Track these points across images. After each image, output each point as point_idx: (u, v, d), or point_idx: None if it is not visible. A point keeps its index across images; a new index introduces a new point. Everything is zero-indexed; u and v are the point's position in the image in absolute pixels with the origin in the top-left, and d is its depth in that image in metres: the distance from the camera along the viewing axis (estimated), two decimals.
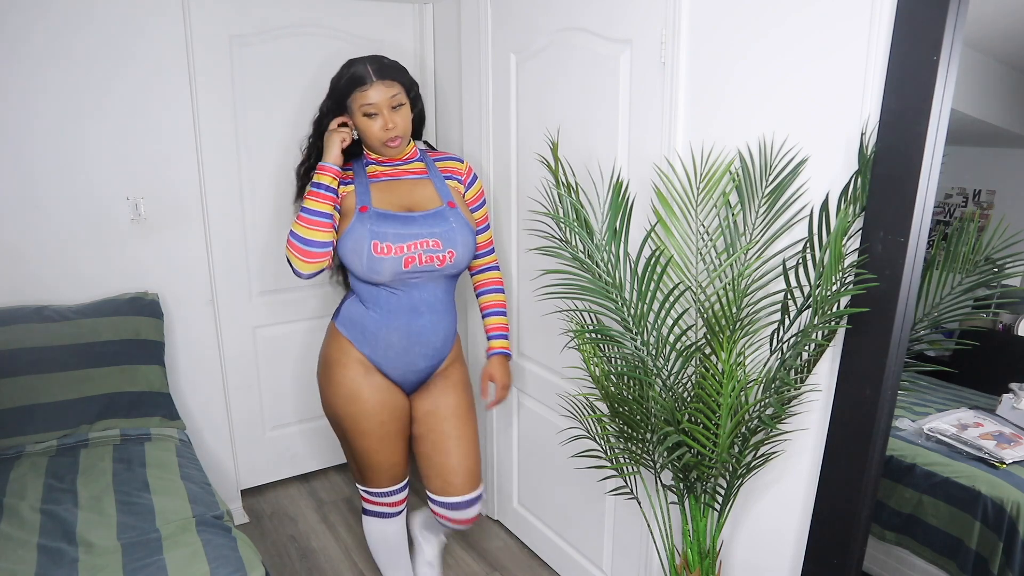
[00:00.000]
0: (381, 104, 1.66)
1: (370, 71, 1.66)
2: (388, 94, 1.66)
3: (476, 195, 1.88)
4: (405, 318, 1.74)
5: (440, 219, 1.72)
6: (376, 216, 1.68)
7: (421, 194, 1.77)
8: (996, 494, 1.36)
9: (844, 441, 1.30)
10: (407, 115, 1.72)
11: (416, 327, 1.75)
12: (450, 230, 1.71)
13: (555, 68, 1.91)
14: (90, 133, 2.21)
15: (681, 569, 1.53)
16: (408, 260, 1.66)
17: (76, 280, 2.26)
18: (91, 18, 2.15)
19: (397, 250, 1.66)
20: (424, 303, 1.74)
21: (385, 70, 1.67)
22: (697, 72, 1.53)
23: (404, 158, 1.80)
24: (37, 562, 1.46)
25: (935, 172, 1.14)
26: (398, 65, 1.72)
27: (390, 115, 1.67)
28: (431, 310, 1.76)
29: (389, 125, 1.67)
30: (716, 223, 1.41)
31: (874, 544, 1.46)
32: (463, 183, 1.85)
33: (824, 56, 1.28)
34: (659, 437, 1.37)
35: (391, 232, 1.66)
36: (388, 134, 1.68)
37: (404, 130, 1.71)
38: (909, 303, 1.19)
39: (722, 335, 1.23)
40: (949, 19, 1.07)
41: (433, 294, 1.75)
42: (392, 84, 1.67)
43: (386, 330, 1.75)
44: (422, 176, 1.80)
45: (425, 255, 1.68)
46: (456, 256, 1.72)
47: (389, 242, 1.65)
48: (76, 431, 2.02)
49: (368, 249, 1.64)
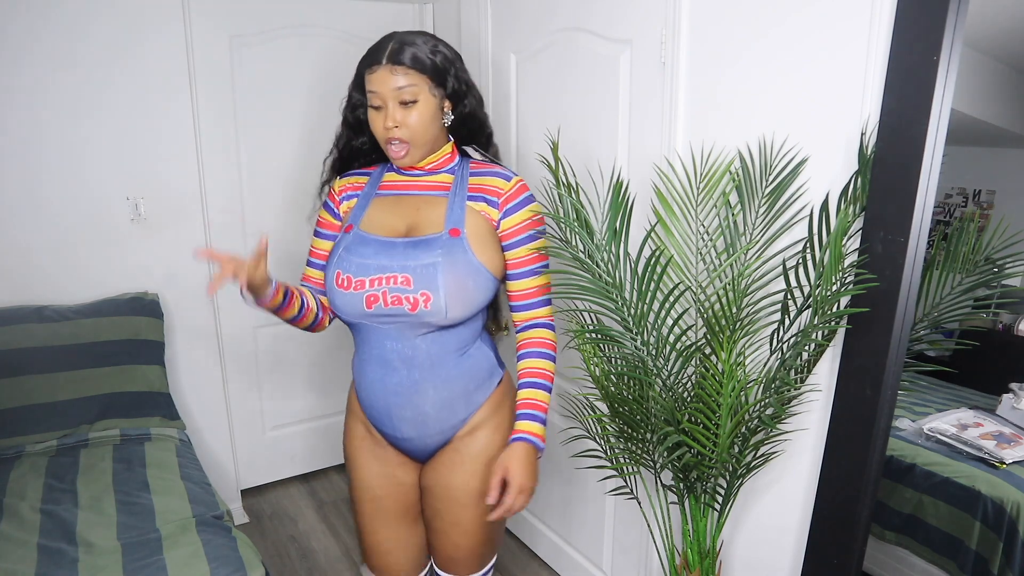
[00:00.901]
0: (385, 95, 1.30)
1: (385, 50, 1.31)
2: (394, 84, 1.29)
3: (517, 227, 1.38)
4: (379, 372, 1.39)
5: (425, 249, 1.31)
6: (355, 238, 1.37)
7: (427, 215, 1.37)
8: (996, 494, 1.36)
9: (844, 441, 1.30)
10: (426, 115, 1.32)
11: (390, 385, 1.38)
12: (433, 266, 1.29)
13: (555, 68, 1.91)
14: (90, 133, 2.21)
15: (681, 569, 1.53)
16: (370, 299, 1.32)
17: (76, 280, 2.26)
18: (91, 18, 2.15)
19: (357, 284, 1.32)
20: (400, 357, 1.36)
21: (403, 52, 1.29)
22: (697, 72, 1.53)
23: (430, 167, 1.41)
24: (37, 562, 1.46)
25: (935, 172, 1.14)
26: (432, 47, 1.33)
27: (395, 111, 1.31)
28: (411, 366, 1.36)
29: (389, 123, 1.31)
30: (716, 223, 1.41)
31: (874, 544, 1.46)
32: (499, 206, 1.37)
33: (824, 56, 1.28)
34: (659, 437, 1.37)
35: (355, 261, 1.33)
36: (387, 133, 1.33)
37: (414, 134, 1.32)
38: (909, 303, 1.19)
39: (722, 335, 1.23)
40: (949, 19, 1.07)
41: (412, 346, 1.35)
42: (408, 72, 1.29)
43: (365, 383, 1.42)
44: (440, 193, 1.40)
45: (391, 294, 1.30)
46: (435, 303, 1.29)
47: (350, 273, 1.32)
48: (76, 431, 2.02)
49: (332, 277, 1.35)
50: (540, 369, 1.41)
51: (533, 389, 1.40)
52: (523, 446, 1.35)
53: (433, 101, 1.33)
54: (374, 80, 1.31)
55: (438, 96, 1.34)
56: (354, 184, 1.47)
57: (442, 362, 1.37)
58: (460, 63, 1.37)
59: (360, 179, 1.48)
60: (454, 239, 1.33)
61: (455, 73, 1.35)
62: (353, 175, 1.49)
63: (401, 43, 1.30)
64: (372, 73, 1.31)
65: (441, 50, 1.34)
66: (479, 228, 1.36)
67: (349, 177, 1.49)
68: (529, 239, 1.39)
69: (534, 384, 1.40)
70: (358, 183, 1.47)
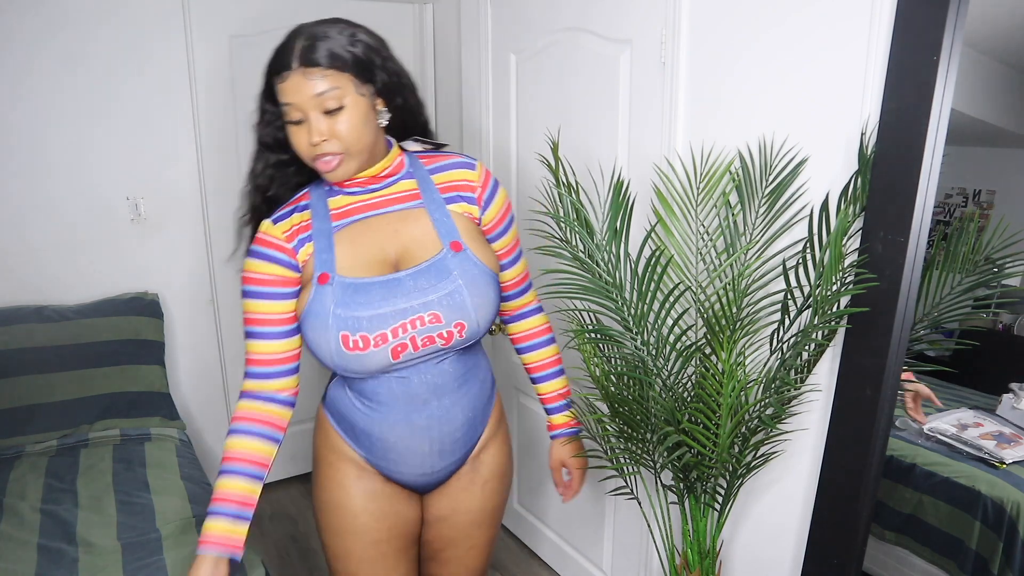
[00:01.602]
0: (304, 105, 1.06)
1: (293, 50, 1.06)
2: (312, 90, 1.05)
3: (498, 216, 1.26)
4: (403, 411, 1.21)
5: (439, 274, 1.16)
6: (343, 289, 1.13)
7: (411, 234, 1.18)
8: (996, 494, 1.36)
9: (844, 441, 1.30)
10: (357, 120, 1.09)
11: (421, 422, 1.23)
12: (456, 291, 1.15)
13: (555, 68, 1.91)
14: (90, 133, 2.21)
15: (681, 569, 1.53)
16: (397, 350, 1.14)
17: (76, 280, 2.27)
18: (92, 20, 2.15)
19: (378, 340, 1.12)
20: (429, 388, 1.21)
21: (315, 50, 1.05)
22: (697, 72, 1.53)
23: (382, 176, 1.19)
24: (37, 562, 1.46)
25: (935, 172, 1.14)
26: (351, 36, 1.09)
27: (318, 122, 1.07)
28: (441, 394, 1.23)
29: (315, 138, 1.07)
30: (716, 223, 1.41)
31: (874, 544, 1.46)
32: (476, 202, 1.23)
33: (824, 56, 1.28)
34: (659, 437, 1.37)
35: (365, 316, 1.12)
36: (314, 150, 1.09)
37: (348, 145, 1.09)
38: (909, 303, 1.19)
39: (722, 335, 1.23)
40: (949, 19, 1.07)
41: (443, 373, 1.22)
42: (326, 73, 1.05)
43: (380, 428, 1.23)
44: (413, 204, 1.20)
45: (422, 337, 1.15)
46: (470, 327, 1.18)
47: (364, 331, 1.12)
48: (76, 431, 2.02)
49: (336, 343, 1.12)
50: (552, 356, 1.43)
51: (553, 380, 1.43)
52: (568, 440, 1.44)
53: (362, 102, 1.10)
54: (287, 90, 1.07)
55: (367, 95, 1.11)
56: (297, 225, 1.18)
57: (467, 379, 1.27)
58: (386, 49, 1.15)
59: (301, 216, 1.19)
60: (460, 254, 1.18)
61: (382, 63, 1.12)
62: (287, 215, 1.19)
63: (312, 38, 1.06)
64: (283, 81, 1.07)
65: (361, 38, 1.10)
66: (470, 231, 1.22)
67: (286, 219, 1.19)
68: (509, 225, 1.30)
69: (553, 374, 1.43)
70: (301, 222, 1.18)
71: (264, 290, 1.17)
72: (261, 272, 1.17)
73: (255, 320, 1.18)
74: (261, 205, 1.22)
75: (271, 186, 1.22)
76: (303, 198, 1.21)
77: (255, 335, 1.19)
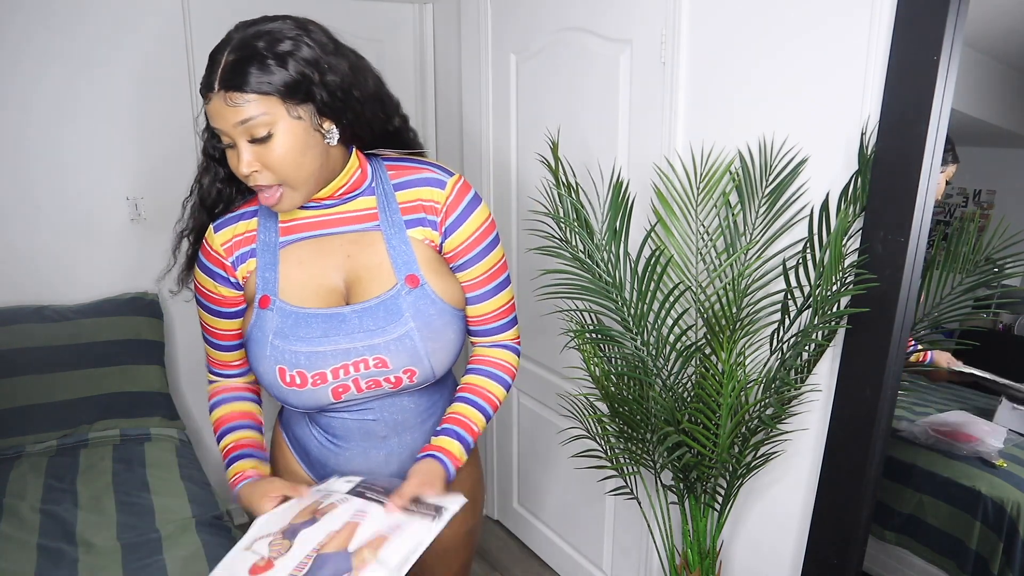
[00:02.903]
0: (229, 132, 0.93)
1: (217, 68, 0.92)
2: (235, 118, 0.91)
3: (465, 243, 1.08)
4: (359, 447, 1.13)
5: (388, 315, 1.03)
6: (283, 317, 1.02)
7: (364, 261, 1.05)
8: (996, 494, 1.36)
9: (844, 441, 1.30)
10: (291, 147, 0.94)
11: (377, 457, 1.14)
12: (407, 336, 1.03)
13: (555, 68, 1.91)
14: (90, 133, 2.21)
15: (681, 569, 1.53)
16: (338, 390, 1.05)
17: (76, 280, 2.26)
18: (91, 19, 2.15)
19: (316, 379, 1.03)
20: (388, 425, 1.12)
21: (239, 72, 0.90)
22: (697, 72, 1.53)
23: (341, 193, 1.05)
24: (37, 562, 1.46)
25: (935, 172, 1.14)
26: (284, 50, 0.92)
27: (245, 151, 0.93)
28: (401, 430, 1.13)
29: (243, 168, 0.94)
30: (716, 223, 1.41)
31: (874, 544, 1.46)
32: (438, 228, 1.06)
33: (824, 56, 1.28)
34: (659, 437, 1.37)
35: (303, 352, 1.01)
36: (249, 181, 0.97)
37: (284, 176, 0.95)
38: (909, 303, 1.19)
39: (722, 335, 1.23)
40: (949, 19, 1.07)
41: (404, 410, 1.12)
42: (251, 100, 0.90)
43: (335, 459, 1.14)
44: (369, 226, 1.06)
45: (365, 380, 1.05)
46: (422, 373, 1.07)
47: (301, 368, 1.02)
48: (76, 431, 2.02)
49: (273, 374, 1.03)
50: (483, 388, 1.16)
51: (471, 407, 1.14)
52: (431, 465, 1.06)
53: (298, 126, 0.94)
54: (212, 113, 0.93)
55: (305, 116, 0.94)
56: (241, 235, 1.06)
57: (432, 412, 1.16)
58: (331, 56, 0.96)
59: (246, 225, 1.06)
60: (416, 290, 1.04)
61: (322, 78, 0.94)
62: (232, 222, 1.07)
63: (238, 55, 0.91)
64: (208, 104, 0.93)
65: (296, 51, 0.92)
66: (431, 261, 1.07)
67: (229, 227, 1.06)
68: (481, 255, 1.09)
69: (474, 403, 1.14)
70: (246, 232, 1.06)
71: (206, 303, 1.10)
72: (201, 284, 1.10)
73: (206, 328, 1.14)
74: (207, 223, 1.09)
75: (219, 201, 1.10)
76: (252, 203, 1.08)
77: (209, 342, 1.15)
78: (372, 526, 0.95)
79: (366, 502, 1.00)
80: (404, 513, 0.97)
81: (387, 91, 1.07)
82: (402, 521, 0.96)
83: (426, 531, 0.93)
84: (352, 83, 0.98)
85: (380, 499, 1.00)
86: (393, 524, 0.95)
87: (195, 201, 1.10)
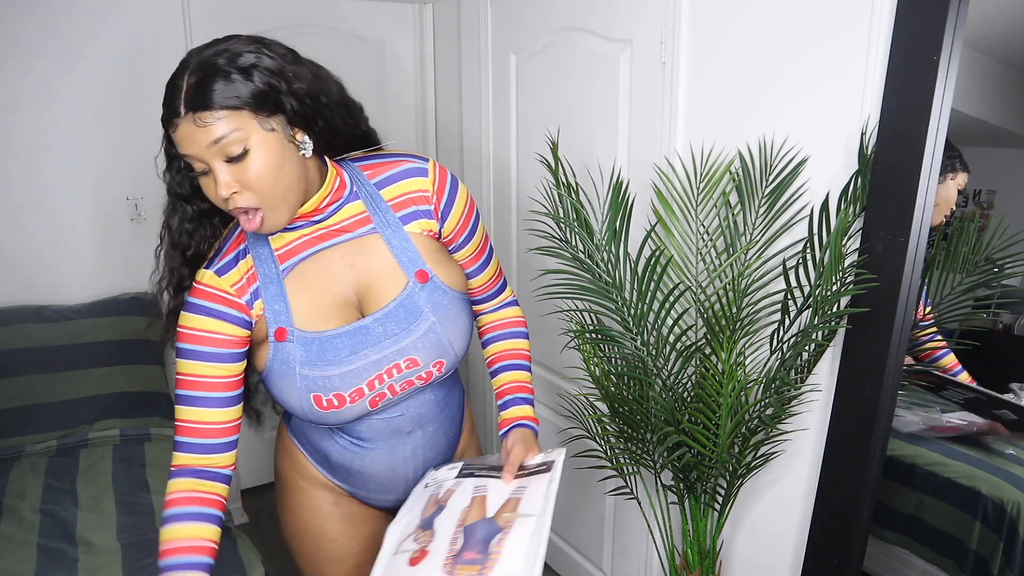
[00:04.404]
0: (202, 156, 0.89)
1: (180, 93, 0.89)
2: (207, 138, 0.88)
3: (460, 222, 1.11)
4: (387, 445, 1.15)
5: (409, 315, 1.04)
6: (306, 346, 1.01)
7: (369, 268, 1.05)
8: (996, 494, 1.36)
9: (844, 441, 1.30)
10: (269, 162, 0.91)
11: (406, 452, 1.17)
12: (431, 330, 1.06)
13: (555, 68, 1.91)
14: (91, 134, 2.21)
15: (681, 569, 1.53)
16: (376, 400, 1.07)
17: (76, 280, 2.27)
18: (94, 21, 2.15)
19: (354, 396, 1.04)
20: (414, 420, 1.16)
21: (205, 91, 0.87)
22: (697, 72, 1.53)
23: (326, 204, 1.02)
24: (37, 562, 1.46)
25: (935, 172, 1.14)
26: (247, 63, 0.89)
27: (222, 172, 0.90)
28: (424, 423, 1.17)
29: (223, 192, 0.91)
30: (716, 223, 1.41)
31: (874, 544, 1.45)
32: (434, 215, 1.08)
33: (824, 55, 1.28)
34: (659, 437, 1.37)
35: (336, 375, 1.02)
36: (228, 204, 0.93)
37: (264, 195, 0.92)
38: (909, 303, 1.19)
39: (722, 335, 1.23)
40: (949, 19, 1.07)
41: (426, 403, 1.16)
42: (221, 117, 0.87)
43: (361, 462, 1.16)
44: (365, 231, 1.05)
45: (400, 383, 1.07)
46: (449, 362, 1.11)
47: (337, 391, 1.03)
48: (76, 431, 2.02)
49: (308, 403, 1.03)
50: (519, 349, 1.25)
51: (518, 371, 1.23)
52: (523, 432, 1.16)
53: (272, 139, 0.91)
54: (180, 141, 0.90)
55: (278, 127, 0.92)
56: (248, 274, 1.02)
57: (448, 400, 1.21)
58: (293, 65, 0.94)
59: (245, 264, 1.03)
60: (427, 284, 1.06)
61: (289, 88, 0.92)
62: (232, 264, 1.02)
63: (201, 75, 0.88)
64: (175, 131, 0.89)
65: (259, 63, 0.90)
66: (433, 252, 1.08)
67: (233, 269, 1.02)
68: (474, 228, 1.14)
69: (517, 366, 1.24)
70: (249, 270, 1.02)
71: (205, 350, 0.99)
72: (203, 330, 0.99)
73: (191, 383, 1.00)
74: (183, 267, 1.03)
75: (191, 243, 1.03)
76: (239, 241, 1.04)
77: (189, 400, 1.01)
78: (499, 495, 1.02)
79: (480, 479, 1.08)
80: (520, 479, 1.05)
81: (350, 96, 1.05)
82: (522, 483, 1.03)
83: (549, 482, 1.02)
84: (319, 90, 0.97)
85: (492, 474, 1.08)
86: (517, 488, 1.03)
87: (167, 247, 1.03)
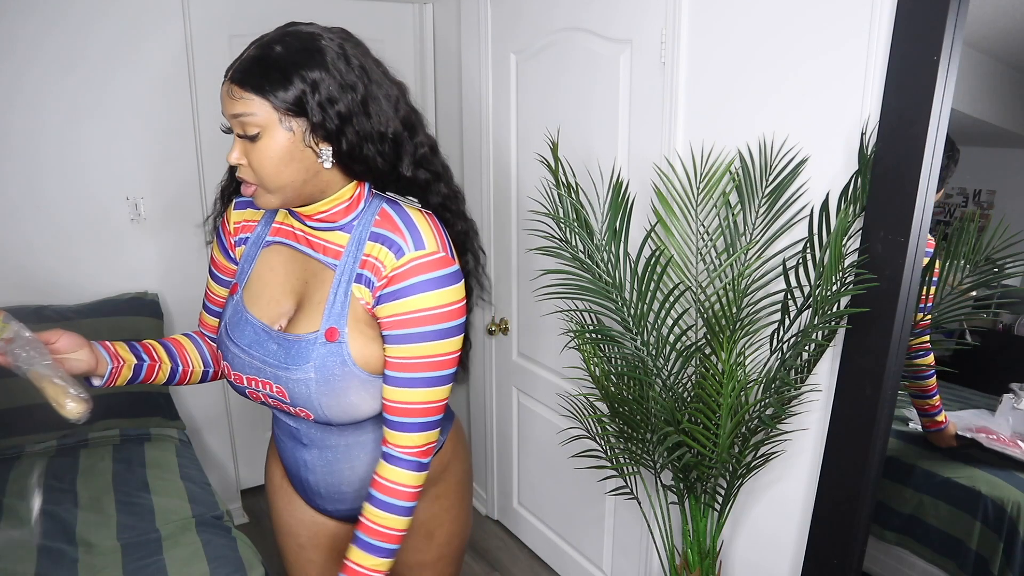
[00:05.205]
0: (228, 118, 0.97)
1: (237, 60, 0.96)
2: (231, 109, 0.94)
3: (397, 318, 1.00)
4: (288, 444, 1.18)
5: (296, 359, 1.03)
6: (234, 311, 1.11)
7: (313, 294, 1.06)
8: (996, 494, 1.36)
9: (844, 441, 1.30)
10: (274, 155, 0.94)
11: (301, 459, 1.17)
12: (304, 383, 1.02)
13: (555, 68, 1.91)
14: (91, 134, 2.21)
15: (681, 569, 1.53)
16: (253, 395, 1.11)
17: (76, 280, 2.26)
18: (93, 20, 2.15)
19: (235, 377, 1.10)
20: (305, 435, 1.14)
21: (247, 67, 0.93)
22: (697, 72, 1.53)
23: (320, 218, 1.04)
24: (37, 562, 1.46)
25: (935, 172, 1.14)
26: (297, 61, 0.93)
27: (236, 143, 0.97)
28: (321, 446, 1.14)
29: (230, 157, 0.98)
30: (716, 223, 1.41)
31: (874, 544, 1.46)
32: (374, 291, 1.02)
33: (824, 56, 1.28)
34: (659, 437, 1.37)
35: (232, 350, 1.09)
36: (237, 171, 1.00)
37: (261, 177, 0.96)
38: (909, 303, 1.19)
39: (722, 335, 1.23)
40: (949, 19, 1.07)
41: (319, 429, 1.12)
42: (246, 98, 0.92)
43: (282, 454, 1.22)
44: (329, 263, 1.05)
45: (271, 399, 1.08)
46: (318, 418, 1.07)
47: (228, 361, 1.10)
48: (76, 431, 2.02)
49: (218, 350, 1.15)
50: (370, 521, 1.05)
51: (354, 547, 1.06)
52: None
53: (286, 138, 0.94)
54: (221, 96, 0.97)
55: (298, 131, 0.94)
56: (249, 221, 1.14)
57: (360, 445, 1.13)
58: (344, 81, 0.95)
59: (254, 215, 1.14)
60: (330, 345, 1.02)
61: (320, 100, 0.93)
62: (248, 205, 1.14)
63: (256, 53, 0.94)
64: (221, 86, 0.97)
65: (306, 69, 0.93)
66: (363, 323, 1.04)
67: (246, 210, 1.14)
68: (412, 339, 1.00)
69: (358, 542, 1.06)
70: (253, 220, 1.14)
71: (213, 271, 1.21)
72: (214, 255, 1.20)
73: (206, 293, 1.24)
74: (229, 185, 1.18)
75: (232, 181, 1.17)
76: None
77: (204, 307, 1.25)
78: None
79: None
80: None
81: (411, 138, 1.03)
82: None
83: None
84: (356, 114, 0.96)
85: None
86: None
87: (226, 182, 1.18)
